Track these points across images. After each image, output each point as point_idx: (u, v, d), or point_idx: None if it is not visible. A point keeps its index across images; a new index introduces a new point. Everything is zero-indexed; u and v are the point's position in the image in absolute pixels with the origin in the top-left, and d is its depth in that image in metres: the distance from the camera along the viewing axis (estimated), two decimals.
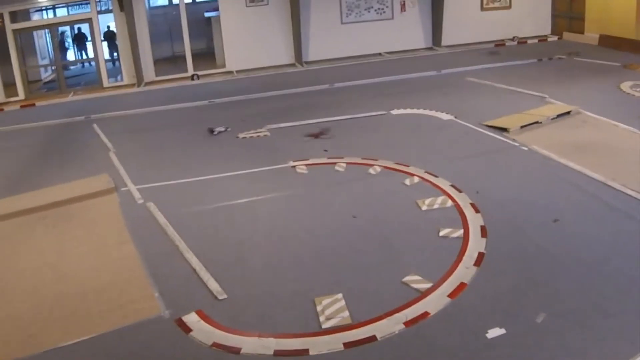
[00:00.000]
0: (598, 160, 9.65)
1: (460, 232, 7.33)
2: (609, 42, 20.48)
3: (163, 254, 7.15)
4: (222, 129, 11.82)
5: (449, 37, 20.49)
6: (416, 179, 8.93)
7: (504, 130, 11.11)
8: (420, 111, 12.60)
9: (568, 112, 12.21)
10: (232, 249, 7.21)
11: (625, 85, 14.93)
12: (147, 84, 16.98)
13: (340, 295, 6.00)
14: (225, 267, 6.76)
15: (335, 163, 9.64)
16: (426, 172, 9.16)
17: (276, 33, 17.93)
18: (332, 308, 5.83)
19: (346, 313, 5.74)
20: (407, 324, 5.57)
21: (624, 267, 6.64)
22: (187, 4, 17.72)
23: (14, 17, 17.41)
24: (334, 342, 5.38)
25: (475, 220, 7.62)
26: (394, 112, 12.54)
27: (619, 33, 20.25)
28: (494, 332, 5.43)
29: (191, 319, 5.80)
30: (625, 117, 12.08)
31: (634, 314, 5.81)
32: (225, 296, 6.15)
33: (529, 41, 21.89)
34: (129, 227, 7.97)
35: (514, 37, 21.76)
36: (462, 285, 6.20)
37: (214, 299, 6.13)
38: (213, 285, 6.33)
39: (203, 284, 6.40)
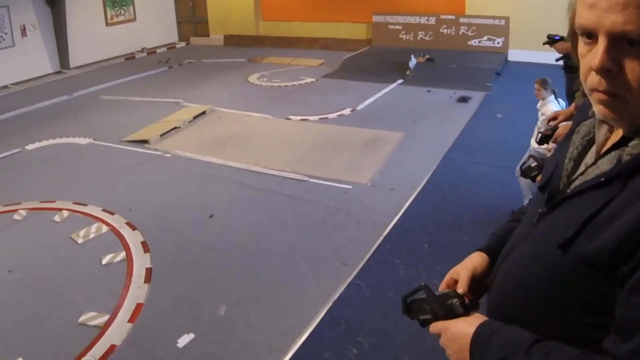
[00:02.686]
0: (238, 151, 10.27)
1: (123, 254, 7.16)
2: (234, 41, 21.84)
3: None
4: None
5: (77, 57, 19.69)
6: (66, 213, 8.42)
7: (145, 142, 11.12)
8: (57, 140, 11.89)
9: (203, 112, 12.68)
10: None
11: (253, 78, 16.08)
12: None
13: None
14: None
15: None
16: (74, 202, 8.72)
17: None
18: None
19: None
20: None
21: (280, 238, 7.31)
22: None
23: None
24: None
25: (134, 239, 7.52)
26: (30, 147, 11.65)
27: (241, 31, 21.70)
28: (183, 340, 5.48)
29: None
30: (257, 106, 13.05)
31: (301, 276, 6.43)
32: None
33: (158, 50, 22.18)
34: None
35: (143, 49, 21.84)
36: (139, 306, 6.09)
37: None
38: None
39: None
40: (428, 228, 7.30)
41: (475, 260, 1.98)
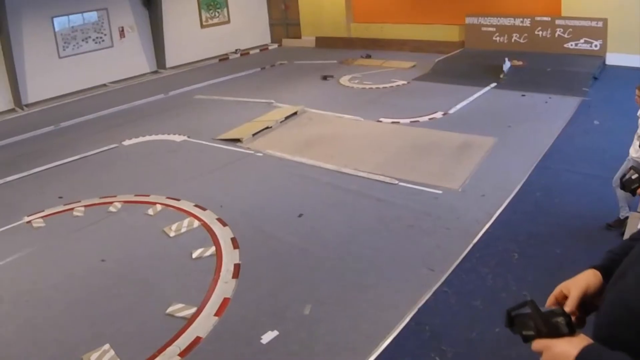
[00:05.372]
0: (329, 152, 10.29)
1: (213, 249, 7.33)
2: (325, 43, 21.95)
3: None
4: None
5: (172, 58, 20.38)
6: (159, 207, 8.72)
7: (237, 141, 11.34)
8: (153, 137, 12.36)
9: (295, 113, 12.79)
10: None
11: (344, 79, 16.05)
12: None
13: (107, 346, 5.61)
14: None
15: (72, 209, 8.99)
16: (167, 197, 9.00)
17: None
18: None
19: None
20: (181, 354, 5.43)
21: (367, 241, 7.24)
22: None
23: None
24: None
25: (224, 234, 7.67)
26: (126, 142, 12.15)
27: (332, 33, 21.78)
28: (267, 337, 5.55)
29: None
30: (348, 108, 13.03)
31: (387, 280, 6.33)
32: None
33: (251, 52, 22.61)
34: None
35: (236, 50, 22.27)
36: (226, 301, 6.21)
37: None
38: None
39: None
40: (519, 237, 7.07)
41: (589, 278, 1.87)
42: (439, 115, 12.20)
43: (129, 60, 19.45)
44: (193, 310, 6.08)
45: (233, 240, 7.50)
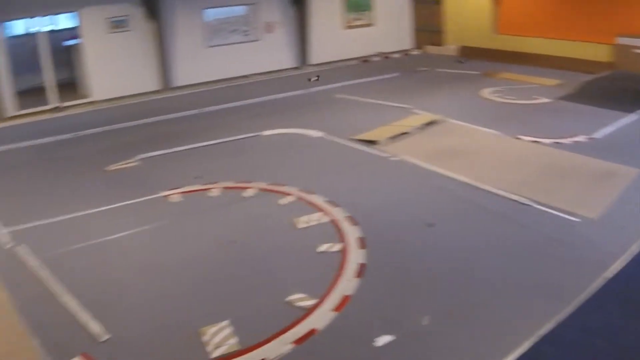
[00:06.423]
0: (464, 164, 10.08)
1: (339, 246, 7.37)
2: (469, 53, 21.54)
3: (38, 299, 6.52)
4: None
5: (315, 55, 20.83)
6: (291, 198, 8.90)
7: (373, 143, 11.38)
8: (291, 130, 12.66)
9: (433, 121, 12.65)
10: (108, 287, 6.76)
11: (485, 92, 15.69)
12: (6, 119, 16.00)
13: (226, 322, 5.83)
14: (103, 307, 6.29)
15: (209, 189, 9.41)
16: (301, 190, 9.16)
17: (141, 59, 17.33)
18: (220, 336, 5.66)
19: (234, 339, 5.59)
20: (296, 342, 5.51)
21: (494, 261, 7.01)
22: (46, 33, 16.76)
23: None
24: None
25: (353, 233, 7.70)
26: (266, 133, 12.53)
27: (477, 43, 21.34)
28: (382, 340, 5.51)
29: None
30: (487, 122, 12.70)
31: (510, 304, 6.10)
32: (107, 337, 5.74)
33: (393, 56, 22.60)
34: None
35: (378, 53, 22.36)
36: (346, 298, 6.23)
37: (96, 341, 5.69)
38: (94, 326, 5.89)
39: (83, 327, 5.92)
40: None
41: None
42: (582, 138, 11.61)
43: (273, 55, 20.11)
44: (313, 302, 6.15)
45: (360, 239, 7.51)
